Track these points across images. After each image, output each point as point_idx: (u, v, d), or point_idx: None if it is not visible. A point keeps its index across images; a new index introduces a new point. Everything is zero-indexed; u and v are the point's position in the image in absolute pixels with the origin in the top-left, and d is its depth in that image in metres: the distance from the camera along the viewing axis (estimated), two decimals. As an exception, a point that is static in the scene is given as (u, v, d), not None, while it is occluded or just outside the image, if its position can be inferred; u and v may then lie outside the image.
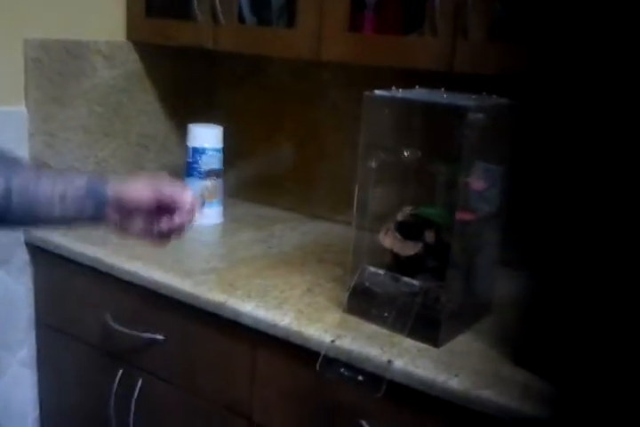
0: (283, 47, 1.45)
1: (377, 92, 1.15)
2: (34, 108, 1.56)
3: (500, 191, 1.22)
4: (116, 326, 1.45)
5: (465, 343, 1.16)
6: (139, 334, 1.43)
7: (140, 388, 1.46)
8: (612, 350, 1.01)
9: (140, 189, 0.95)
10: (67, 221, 0.97)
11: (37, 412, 1.76)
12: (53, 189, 0.93)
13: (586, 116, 1.33)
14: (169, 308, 1.37)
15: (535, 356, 1.07)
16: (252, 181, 1.65)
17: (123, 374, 1.48)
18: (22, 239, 1.60)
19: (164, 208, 0.96)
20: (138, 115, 1.77)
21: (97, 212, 0.95)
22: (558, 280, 1.08)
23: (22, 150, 1.56)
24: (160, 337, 1.41)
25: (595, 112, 1.32)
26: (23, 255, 1.61)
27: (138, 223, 0.97)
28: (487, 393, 1.00)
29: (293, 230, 1.70)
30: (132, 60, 1.71)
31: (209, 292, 1.30)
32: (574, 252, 1.08)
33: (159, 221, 0.96)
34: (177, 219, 0.96)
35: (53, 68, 1.57)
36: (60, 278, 1.60)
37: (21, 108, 1.55)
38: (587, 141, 1.34)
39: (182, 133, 1.76)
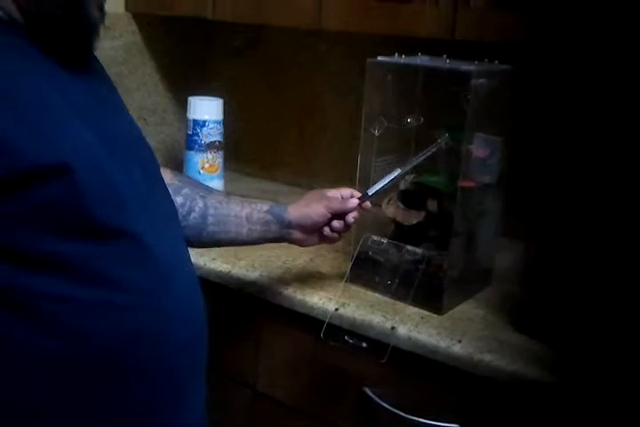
0: (283, 16, 1.43)
1: (380, 58, 1.14)
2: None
3: (501, 161, 1.22)
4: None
5: (467, 311, 1.16)
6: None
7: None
8: (612, 314, 1.02)
9: (315, 211, 1.07)
10: (251, 240, 1.08)
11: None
12: (241, 210, 1.06)
13: (587, 88, 1.33)
14: (172, 279, 1.37)
15: (536, 322, 1.07)
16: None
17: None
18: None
19: (334, 216, 1.08)
20: (138, 87, 1.76)
21: (279, 234, 1.08)
22: (558, 248, 1.09)
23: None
24: (163, 308, 1.41)
25: (596, 83, 1.31)
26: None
27: (314, 238, 1.10)
28: (490, 357, 1.01)
29: (295, 204, 1.70)
30: (131, 32, 1.69)
31: (212, 262, 1.30)
32: (574, 220, 1.09)
33: (331, 227, 1.08)
34: (346, 221, 1.08)
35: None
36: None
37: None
38: (586, 112, 1.34)
39: (181, 106, 1.75)
